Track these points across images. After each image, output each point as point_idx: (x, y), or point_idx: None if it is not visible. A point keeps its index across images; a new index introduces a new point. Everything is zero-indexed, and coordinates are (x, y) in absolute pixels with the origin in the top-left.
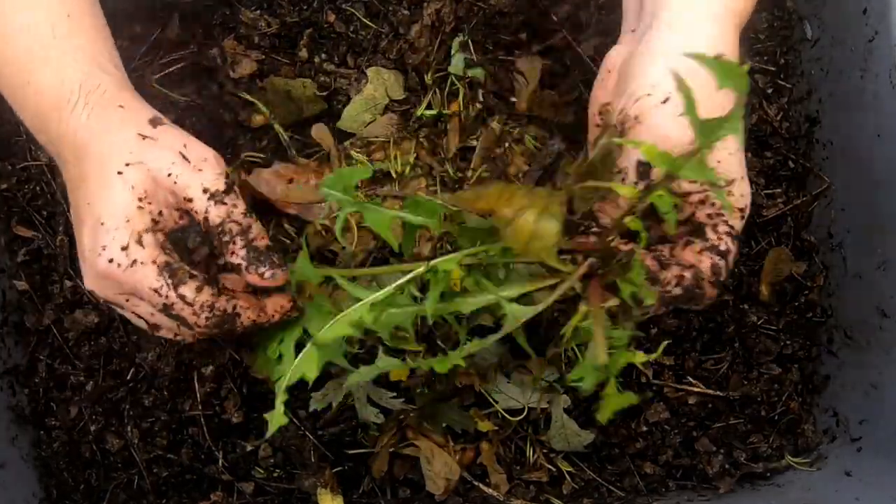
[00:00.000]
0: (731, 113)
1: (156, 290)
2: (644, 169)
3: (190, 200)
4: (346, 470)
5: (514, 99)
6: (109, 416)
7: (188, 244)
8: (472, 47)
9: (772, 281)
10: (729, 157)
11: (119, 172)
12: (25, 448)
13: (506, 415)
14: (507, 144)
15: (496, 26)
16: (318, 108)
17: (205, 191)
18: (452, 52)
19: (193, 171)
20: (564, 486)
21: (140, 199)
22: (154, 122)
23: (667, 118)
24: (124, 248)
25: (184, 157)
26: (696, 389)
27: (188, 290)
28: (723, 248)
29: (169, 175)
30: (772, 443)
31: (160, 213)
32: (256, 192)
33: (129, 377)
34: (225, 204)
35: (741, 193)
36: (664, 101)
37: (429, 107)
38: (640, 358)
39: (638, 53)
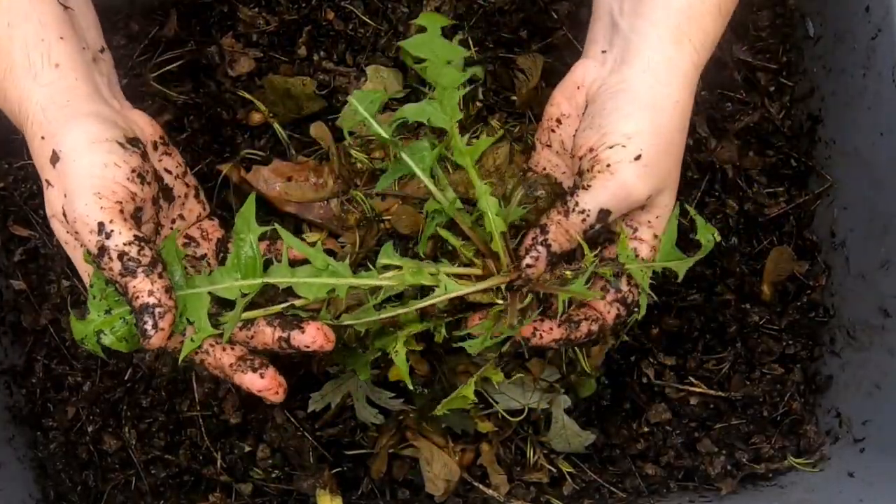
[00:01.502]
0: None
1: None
2: (604, 215)
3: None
4: (345, 471)
5: (514, 97)
6: (107, 416)
7: None
8: (472, 45)
9: (774, 280)
10: (657, 220)
11: (52, 227)
12: (22, 449)
13: (506, 415)
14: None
15: (496, 24)
16: (317, 106)
17: (89, 252)
18: None
19: (72, 232)
20: (565, 486)
21: (77, 248)
22: (53, 159)
23: (635, 177)
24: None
25: (65, 214)
26: (697, 390)
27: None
28: (629, 300)
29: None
30: (774, 443)
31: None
32: (255, 189)
33: (126, 378)
34: (102, 268)
35: (654, 246)
36: (637, 158)
37: None
38: (468, 391)
39: (616, 91)
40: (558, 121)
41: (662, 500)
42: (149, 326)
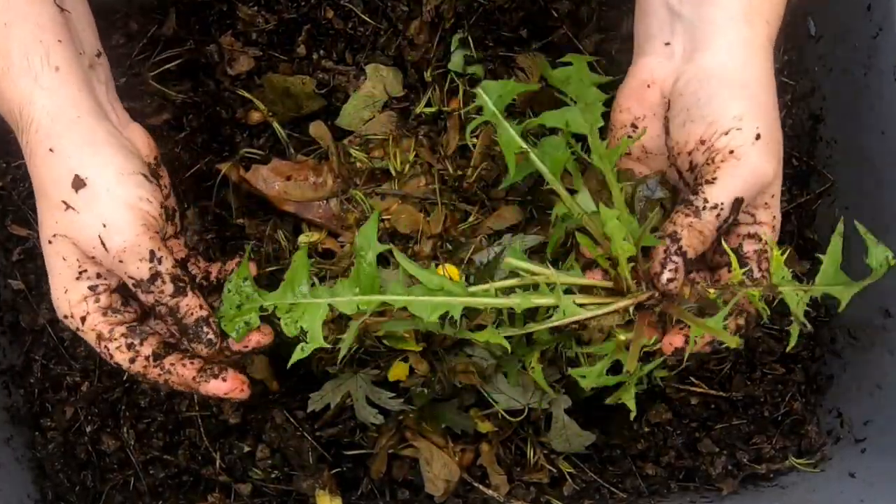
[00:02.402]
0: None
1: (99, 351)
2: (738, 204)
3: (119, 279)
4: (345, 471)
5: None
6: (105, 416)
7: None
8: (471, 44)
9: None
10: (772, 199)
11: (49, 241)
12: (20, 449)
13: (506, 415)
14: None
15: (496, 22)
16: (317, 105)
17: (129, 278)
18: (452, 48)
19: (114, 261)
20: (565, 487)
21: (73, 269)
22: (77, 184)
23: (761, 157)
24: (66, 317)
25: (103, 242)
26: (698, 390)
27: (122, 358)
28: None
29: (92, 258)
30: (775, 444)
31: (98, 274)
32: (254, 188)
33: (125, 378)
34: (151, 292)
35: (775, 226)
36: (757, 137)
37: (428, 104)
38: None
39: (703, 77)
40: (633, 126)
41: (663, 501)
42: (212, 336)
